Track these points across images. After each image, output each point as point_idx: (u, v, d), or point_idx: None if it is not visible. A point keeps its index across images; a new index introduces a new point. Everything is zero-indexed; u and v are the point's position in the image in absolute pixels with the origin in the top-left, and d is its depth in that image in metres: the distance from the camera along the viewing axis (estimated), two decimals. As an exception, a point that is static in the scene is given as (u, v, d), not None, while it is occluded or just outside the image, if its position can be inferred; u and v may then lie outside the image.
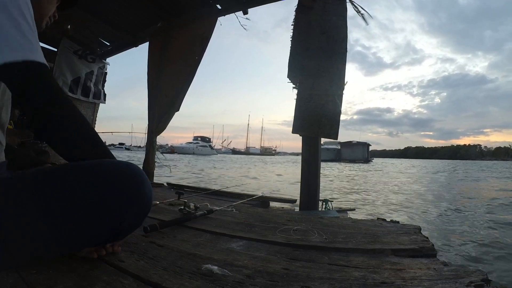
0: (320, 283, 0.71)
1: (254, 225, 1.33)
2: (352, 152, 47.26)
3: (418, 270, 0.81)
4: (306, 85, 2.27)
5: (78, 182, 0.62)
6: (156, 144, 3.47)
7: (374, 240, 1.13)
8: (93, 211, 0.63)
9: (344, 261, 0.89)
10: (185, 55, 3.21)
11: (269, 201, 2.67)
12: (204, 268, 0.73)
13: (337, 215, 2.08)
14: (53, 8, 0.81)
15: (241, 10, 2.89)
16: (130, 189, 0.68)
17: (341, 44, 2.22)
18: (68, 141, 0.67)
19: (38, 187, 0.60)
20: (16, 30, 0.56)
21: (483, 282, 0.71)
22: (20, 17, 0.57)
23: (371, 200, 6.03)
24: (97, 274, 0.67)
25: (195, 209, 1.42)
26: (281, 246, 1.03)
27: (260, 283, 0.69)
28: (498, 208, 5.18)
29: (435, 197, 6.66)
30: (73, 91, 4.05)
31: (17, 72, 0.57)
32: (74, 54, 4.02)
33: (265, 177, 11.24)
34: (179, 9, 3.23)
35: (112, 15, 3.42)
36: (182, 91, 3.25)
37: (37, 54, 0.59)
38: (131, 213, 0.69)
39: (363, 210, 4.77)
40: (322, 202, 2.50)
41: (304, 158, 2.29)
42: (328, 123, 2.18)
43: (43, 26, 0.78)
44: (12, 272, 0.64)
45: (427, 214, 4.56)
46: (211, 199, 2.18)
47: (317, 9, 2.30)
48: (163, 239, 1.02)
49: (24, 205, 0.57)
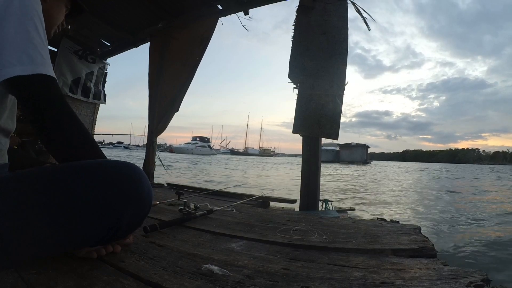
0: (320, 283, 0.71)
1: (254, 225, 1.33)
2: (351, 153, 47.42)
3: (418, 270, 0.81)
4: (306, 85, 2.27)
5: (77, 181, 0.63)
6: (156, 144, 3.47)
7: (374, 240, 1.13)
8: (92, 211, 0.63)
9: (344, 261, 0.89)
10: (185, 56, 3.21)
11: (269, 201, 2.67)
12: (204, 268, 0.73)
13: (337, 215, 2.08)
14: (62, 17, 0.84)
15: (242, 10, 2.89)
16: (129, 189, 0.68)
17: (341, 45, 2.23)
18: (68, 149, 0.68)
19: (37, 186, 0.60)
20: (29, 43, 0.59)
21: (483, 282, 0.71)
22: (33, 30, 0.60)
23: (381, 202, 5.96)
24: (97, 274, 0.67)
25: (195, 209, 1.42)
26: (281, 246, 1.03)
27: (260, 283, 0.69)
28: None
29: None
30: (73, 91, 4.04)
31: (27, 85, 0.60)
32: (74, 55, 4.02)
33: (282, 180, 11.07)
34: (179, 10, 3.23)
35: (112, 15, 3.42)
36: (182, 91, 3.25)
37: (47, 67, 0.62)
38: (130, 213, 0.69)
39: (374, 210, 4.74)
40: (322, 202, 2.50)
41: (304, 158, 2.29)
42: (328, 123, 2.18)
43: (51, 35, 0.81)
44: (12, 272, 0.64)
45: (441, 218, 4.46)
46: (211, 199, 2.18)
47: (317, 10, 2.30)
48: (163, 239, 1.01)
49: (23, 204, 0.57)
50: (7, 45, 0.57)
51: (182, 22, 3.29)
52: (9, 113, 0.72)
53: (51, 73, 0.62)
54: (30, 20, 0.60)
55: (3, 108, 0.69)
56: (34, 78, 0.59)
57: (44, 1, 0.71)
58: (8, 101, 0.70)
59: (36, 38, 0.60)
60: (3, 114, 0.69)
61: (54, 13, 0.79)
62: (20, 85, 0.60)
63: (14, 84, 0.59)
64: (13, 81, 0.58)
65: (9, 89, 0.64)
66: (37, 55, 0.60)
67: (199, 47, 3.14)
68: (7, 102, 0.70)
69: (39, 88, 0.61)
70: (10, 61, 0.57)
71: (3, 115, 0.69)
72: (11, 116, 0.73)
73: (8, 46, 0.57)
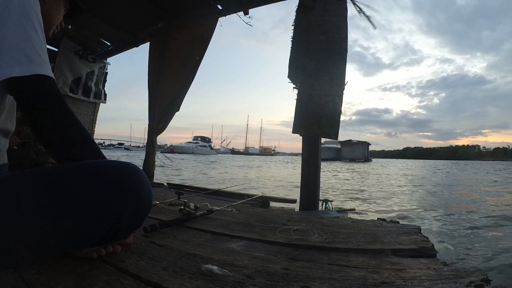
0: (320, 283, 0.71)
1: (254, 225, 1.33)
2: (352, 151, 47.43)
3: (418, 270, 0.81)
4: (306, 85, 2.27)
5: (77, 181, 0.63)
6: (156, 144, 3.47)
7: (374, 240, 1.13)
8: (92, 211, 0.63)
9: (344, 261, 0.89)
10: (186, 56, 3.21)
11: (269, 201, 2.67)
12: (204, 268, 0.73)
13: (337, 215, 2.08)
14: (61, 17, 0.84)
15: (241, 10, 2.88)
16: (129, 189, 0.68)
17: (341, 44, 2.23)
18: (67, 149, 0.68)
19: (37, 186, 0.60)
20: (27, 43, 0.59)
21: (483, 282, 0.71)
22: (31, 31, 0.60)
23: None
24: (97, 274, 0.67)
25: (195, 209, 1.42)
26: (281, 246, 1.03)
27: (260, 283, 0.69)
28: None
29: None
30: (73, 91, 4.05)
31: (26, 85, 0.60)
32: (75, 54, 4.02)
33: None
34: (179, 10, 3.23)
35: (112, 15, 3.42)
36: (182, 91, 3.25)
37: (45, 67, 0.62)
38: (130, 213, 0.69)
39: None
40: (322, 202, 2.50)
41: (304, 158, 2.29)
42: (328, 123, 2.18)
43: (50, 35, 0.81)
44: (12, 272, 0.64)
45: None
46: (211, 199, 2.18)
47: (317, 10, 2.30)
48: (163, 239, 1.02)
49: (23, 204, 0.57)
50: (5, 45, 0.57)
51: (182, 22, 3.29)
52: (8, 114, 0.72)
53: (50, 73, 0.62)
54: (28, 20, 0.60)
55: (1, 108, 0.69)
56: (32, 79, 0.59)
57: (43, 2, 0.71)
58: (6, 101, 0.70)
59: (34, 38, 0.60)
60: (1, 114, 0.69)
61: (53, 14, 0.79)
62: (18, 86, 0.60)
63: (12, 85, 0.59)
64: (11, 82, 0.58)
65: (7, 89, 0.64)
66: (35, 56, 0.59)
67: (199, 47, 3.14)
68: (6, 103, 0.70)
69: (37, 88, 0.61)
70: (8, 61, 0.57)
71: (1, 116, 0.69)
72: (10, 116, 0.73)
73: (7, 46, 0.57)
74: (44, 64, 0.61)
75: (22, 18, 0.59)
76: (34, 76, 0.59)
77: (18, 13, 0.59)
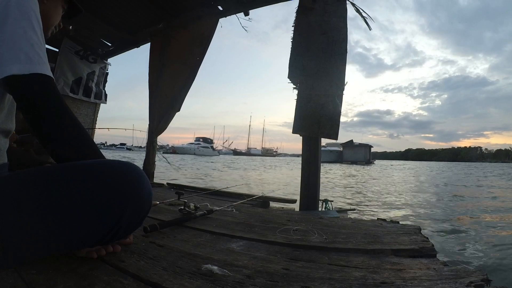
0: (320, 283, 0.71)
1: (254, 225, 1.33)
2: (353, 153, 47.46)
3: (418, 270, 0.81)
4: (306, 86, 2.27)
5: (77, 181, 0.63)
6: (156, 144, 3.47)
7: (374, 240, 1.13)
8: (92, 211, 0.63)
9: (344, 261, 0.89)
10: (186, 56, 3.21)
11: (269, 201, 2.66)
12: (204, 268, 0.73)
13: (337, 215, 2.08)
14: (59, 18, 0.84)
15: (242, 11, 2.89)
16: (129, 189, 0.68)
17: (341, 45, 2.23)
18: (66, 149, 0.68)
19: (37, 186, 0.60)
20: (26, 43, 0.59)
21: (483, 282, 0.71)
22: (30, 30, 0.60)
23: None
24: (97, 274, 0.67)
25: (195, 209, 1.42)
26: (281, 246, 1.03)
27: (260, 283, 0.69)
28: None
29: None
30: (74, 91, 4.05)
31: (24, 83, 0.60)
32: (76, 55, 4.03)
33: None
34: (180, 10, 3.23)
35: (113, 15, 3.42)
36: (182, 91, 3.25)
37: (44, 66, 0.62)
38: (130, 212, 0.69)
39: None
40: (322, 202, 2.50)
41: (304, 158, 2.29)
42: (328, 123, 2.18)
43: (48, 35, 0.82)
44: (12, 272, 0.64)
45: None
46: (211, 199, 2.18)
47: (317, 10, 2.30)
48: (163, 239, 1.02)
49: (23, 204, 0.57)
50: (5, 44, 0.57)
51: (182, 22, 3.30)
52: (7, 113, 0.72)
53: (48, 73, 0.62)
54: (27, 20, 0.60)
55: (1, 108, 0.69)
56: (31, 77, 0.59)
57: (41, 2, 0.71)
58: (6, 100, 0.70)
59: (33, 38, 0.60)
60: (1, 114, 0.69)
61: (51, 14, 0.80)
62: (17, 84, 0.59)
63: (11, 83, 0.59)
64: (10, 80, 0.58)
65: (6, 88, 0.64)
66: (34, 55, 0.60)
67: (200, 47, 3.14)
68: (5, 102, 0.70)
69: (36, 87, 0.61)
70: (8, 60, 0.57)
71: (1, 115, 0.69)
72: (10, 116, 0.74)
73: (5, 45, 0.57)
74: (43, 64, 0.61)
75: (21, 18, 0.59)
76: (33, 74, 0.59)
77: (17, 13, 0.59)
